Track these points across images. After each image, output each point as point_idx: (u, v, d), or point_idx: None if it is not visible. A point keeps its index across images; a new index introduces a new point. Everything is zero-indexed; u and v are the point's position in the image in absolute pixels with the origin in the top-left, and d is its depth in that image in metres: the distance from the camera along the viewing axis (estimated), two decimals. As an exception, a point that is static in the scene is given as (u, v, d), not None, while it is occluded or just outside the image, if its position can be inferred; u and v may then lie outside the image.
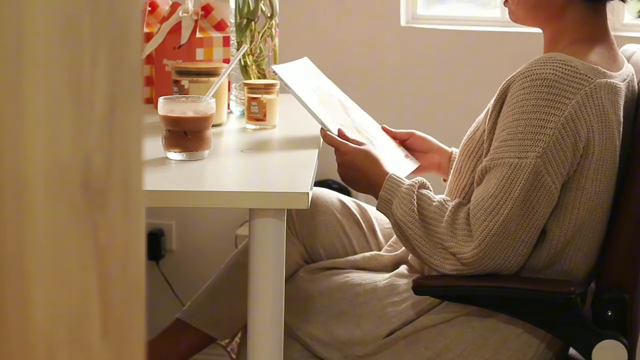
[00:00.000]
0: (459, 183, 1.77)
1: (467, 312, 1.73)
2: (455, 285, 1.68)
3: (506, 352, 1.71)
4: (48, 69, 0.60)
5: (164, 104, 1.74)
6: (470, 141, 1.76)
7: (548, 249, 1.68)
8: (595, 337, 1.65)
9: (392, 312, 1.78)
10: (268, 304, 1.59)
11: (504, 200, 1.61)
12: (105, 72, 0.65)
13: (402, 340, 1.75)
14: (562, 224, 1.67)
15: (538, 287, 1.67)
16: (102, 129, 0.65)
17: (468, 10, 3.01)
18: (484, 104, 2.93)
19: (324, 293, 1.86)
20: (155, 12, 2.37)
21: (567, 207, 1.66)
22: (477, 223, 1.63)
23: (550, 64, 1.62)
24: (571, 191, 1.65)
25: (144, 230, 0.71)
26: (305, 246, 2.01)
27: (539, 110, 1.61)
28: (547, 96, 1.61)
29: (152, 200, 1.55)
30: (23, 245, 0.60)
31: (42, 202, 0.61)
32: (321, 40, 2.86)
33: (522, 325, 1.71)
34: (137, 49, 0.68)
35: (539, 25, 1.78)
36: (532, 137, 1.61)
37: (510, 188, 1.61)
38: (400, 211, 1.70)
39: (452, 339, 1.72)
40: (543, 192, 1.62)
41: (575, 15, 1.72)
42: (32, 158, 0.60)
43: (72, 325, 0.64)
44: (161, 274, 2.95)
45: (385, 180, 1.75)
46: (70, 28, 0.62)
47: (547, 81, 1.61)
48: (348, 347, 1.79)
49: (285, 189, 1.54)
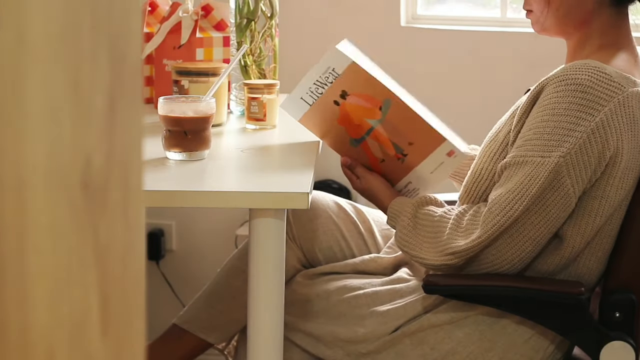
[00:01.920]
0: (478, 185, 1.75)
1: (476, 314, 1.72)
2: (466, 284, 1.68)
3: (513, 357, 1.71)
4: (48, 69, 0.60)
5: (164, 104, 1.74)
6: (493, 143, 1.74)
7: (563, 254, 1.68)
8: (603, 338, 1.65)
9: (396, 310, 1.77)
10: (268, 305, 1.58)
11: (520, 196, 1.61)
12: (105, 72, 0.65)
13: (408, 339, 1.74)
14: (582, 231, 1.66)
15: (549, 287, 1.67)
16: (102, 129, 0.65)
17: (468, 10, 3.01)
18: (484, 103, 2.94)
19: (322, 296, 1.85)
20: (155, 12, 2.37)
21: (589, 214, 1.66)
22: (491, 216, 1.62)
23: (586, 70, 1.62)
24: (595, 199, 1.65)
25: (144, 230, 0.71)
26: (303, 250, 2.00)
27: (570, 114, 1.60)
28: (580, 101, 1.60)
29: (152, 200, 1.55)
30: (23, 245, 0.60)
31: (42, 202, 0.61)
32: (321, 40, 2.86)
33: (530, 330, 1.71)
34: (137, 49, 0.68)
35: (566, 35, 1.78)
36: (559, 138, 1.60)
37: (530, 185, 1.61)
38: (401, 235, 1.75)
39: (459, 342, 1.72)
40: (560, 193, 1.61)
41: (602, 20, 1.73)
42: (32, 158, 0.60)
43: (72, 325, 0.64)
44: (161, 274, 2.95)
45: (388, 209, 1.80)
46: (70, 28, 0.61)
47: (582, 87, 1.61)
48: (352, 345, 1.78)
49: (285, 189, 1.54)
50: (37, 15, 0.59)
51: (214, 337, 2.01)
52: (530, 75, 2.58)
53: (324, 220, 2.01)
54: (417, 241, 1.72)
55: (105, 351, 0.66)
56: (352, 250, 2.01)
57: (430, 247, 1.69)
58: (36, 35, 0.59)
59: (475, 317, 1.72)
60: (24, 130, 0.59)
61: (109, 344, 0.67)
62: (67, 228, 0.62)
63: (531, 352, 1.71)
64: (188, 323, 2.01)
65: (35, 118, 0.60)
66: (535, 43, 2.77)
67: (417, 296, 1.76)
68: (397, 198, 1.80)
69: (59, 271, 0.62)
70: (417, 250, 1.71)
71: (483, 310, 1.72)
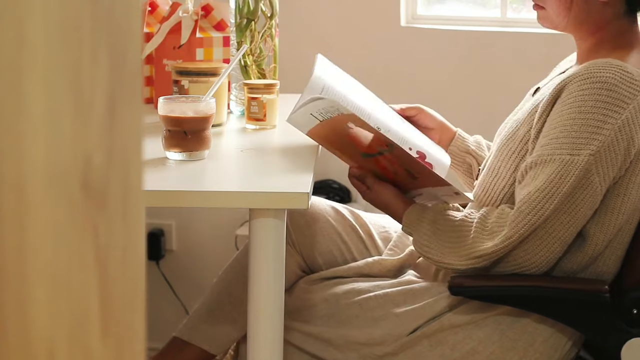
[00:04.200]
0: (496, 183, 1.75)
1: (496, 314, 1.72)
2: (492, 285, 1.67)
3: (533, 355, 1.71)
4: (48, 69, 0.60)
5: (164, 104, 1.74)
6: (511, 141, 1.74)
7: (587, 253, 1.68)
8: (624, 335, 1.66)
9: (414, 311, 1.76)
10: (269, 305, 1.58)
11: (550, 195, 1.61)
12: (105, 72, 0.65)
13: (426, 340, 1.74)
14: (605, 229, 1.67)
15: (575, 285, 1.68)
16: (102, 129, 0.65)
17: (468, 10, 3.01)
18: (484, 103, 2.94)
19: (329, 300, 1.83)
20: (155, 12, 2.37)
21: (612, 211, 1.66)
22: (521, 216, 1.61)
23: (610, 68, 1.63)
24: (618, 196, 1.66)
25: (144, 230, 0.71)
26: (303, 256, 1.98)
27: (597, 111, 1.61)
28: (606, 99, 1.61)
29: (152, 200, 1.55)
30: (23, 245, 0.60)
31: (42, 202, 0.61)
32: (321, 40, 2.86)
33: (549, 328, 1.71)
34: (137, 49, 0.68)
35: (578, 36, 1.79)
36: (587, 136, 1.61)
37: (560, 183, 1.61)
38: (422, 242, 1.72)
39: (480, 341, 1.72)
40: (589, 191, 1.62)
41: (617, 26, 1.75)
42: (32, 158, 0.60)
43: (72, 325, 0.64)
44: (161, 274, 2.95)
45: (404, 217, 1.76)
46: (70, 28, 0.61)
47: (607, 84, 1.61)
48: (367, 348, 1.76)
49: (285, 189, 1.54)
50: (37, 16, 0.59)
51: (217, 347, 1.99)
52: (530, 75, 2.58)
53: (322, 225, 2.00)
54: (439, 246, 1.70)
55: (105, 351, 0.66)
56: (352, 253, 2.00)
57: (454, 251, 1.68)
58: (36, 35, 0.59)
59: (495, 317, 1.72)
60: (24, 130, 0.59)
61: (109, 344, 0.67)
62: (67, 228, 0.62)
63: (550, 350, 1.72)
64: (190, 335, 1.98)
65: (35, 118, 0.60)
66: (535, 43, 2.77)
67: (433, 297, 1.76)
68: (412, 205, 1.77)
69: (59, 271, 0.62)
70: (440, 256, 1.69)
71: (503, 309, 1.72)
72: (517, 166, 1.71)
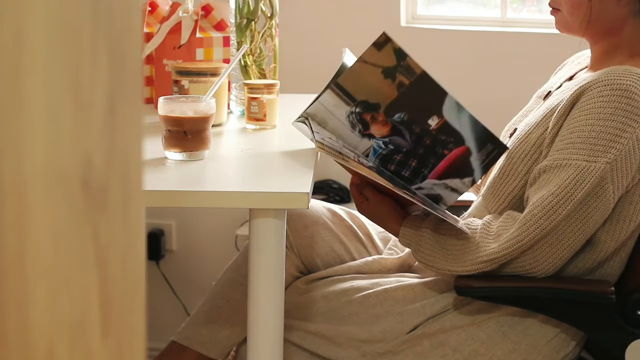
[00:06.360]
0: (505, 185, 1.74)
1: (498, 315, 1.72)
2: (500, 286, 1.67)
3: (536, 357, 1.71)
4: (48, 69, 0.60)
5: (164, 104, 1.74)
6: (524, 144, 1.72)
7: (595, 258, 1.68)
8: (628, 337, 1.66)
9: (415, 309, 1.76)
10: (269, 306, 1.58)
11: (564, 201, 1.60)
12: (105, 72, 0.65)
13: (427, 341, 1.73)
14: (617, 237, 1.67)
15: (582, 287, 1.67)
16: (102, 129, 0.65)
17: (468, 10, 3.01)
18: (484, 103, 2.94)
19: (328, 298, 1.83)
20: (155, 12, 2.37)
21: (624, 219, 1.66)
22: (533, 219, 1.61)
23: (630, 76, 1.62)
24: (631, 204, 1.66)
25: (144, 230, 0.71)
26: (302, 258, 1.98)
27: (616, 119, 1.60)
28: (626, 107, 1.60)
29: (152, 200, 1.55)
30: (23, 245, 0.60)
31: (42, 202, 0.61)
32: (321, 40, 2.86)
33: (553, 330, 1.71)
34: (137, 49, 0.68)
35: (592, 39, 1.78)
36: (605, 144, 1.60)
37: (574, 189, 1.60)
38: (424, 252, 1.72)
39: (482, 343, 1.71)
40: (602, 199, 1.61)
41: (632, 29, 1.74)
42: (32, 158, 0.60)
43: (72, 325, 0.64)
44: (161, 274, 2.95)
45: (401, 229, 1.76)
46: (70, 28, 0.61)
47: (628, 92, 1.60)
48: (368, 345, 1.76)
49: (285, 189, 1.54)
50: (37, 15, 0.59)
51: (215, 352, 1.98)
52: (529, 75, 2.58)
53: (320, 227, 1.99)
54: (443, 255, 1.69)
55: (105, 351, 0.66)
56: (351, 254, 2.00)
57: (459, 258, 1.67)
58: (36, 35, 0.59)
59: (498, 318, 1.72)
60: (24, 130, 0.59)
61: (109, 344, 0.67)
62: (67, 228, 0.62)
63: (553, 352, 1.72)
64: (188, 339, 1.97)
65: (35, 118, 0.60)
66: (535, 43, 2.77)
67: (434, 296, 1.76)
68: (409, 217, 1.77)
69: (59, 271, 0.62)
70: (445, 264, 1.68)
71: (506, 310, 1.72)
72: (529, 169, 1.70)
